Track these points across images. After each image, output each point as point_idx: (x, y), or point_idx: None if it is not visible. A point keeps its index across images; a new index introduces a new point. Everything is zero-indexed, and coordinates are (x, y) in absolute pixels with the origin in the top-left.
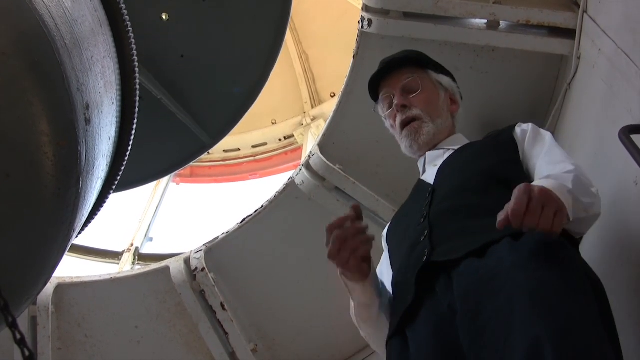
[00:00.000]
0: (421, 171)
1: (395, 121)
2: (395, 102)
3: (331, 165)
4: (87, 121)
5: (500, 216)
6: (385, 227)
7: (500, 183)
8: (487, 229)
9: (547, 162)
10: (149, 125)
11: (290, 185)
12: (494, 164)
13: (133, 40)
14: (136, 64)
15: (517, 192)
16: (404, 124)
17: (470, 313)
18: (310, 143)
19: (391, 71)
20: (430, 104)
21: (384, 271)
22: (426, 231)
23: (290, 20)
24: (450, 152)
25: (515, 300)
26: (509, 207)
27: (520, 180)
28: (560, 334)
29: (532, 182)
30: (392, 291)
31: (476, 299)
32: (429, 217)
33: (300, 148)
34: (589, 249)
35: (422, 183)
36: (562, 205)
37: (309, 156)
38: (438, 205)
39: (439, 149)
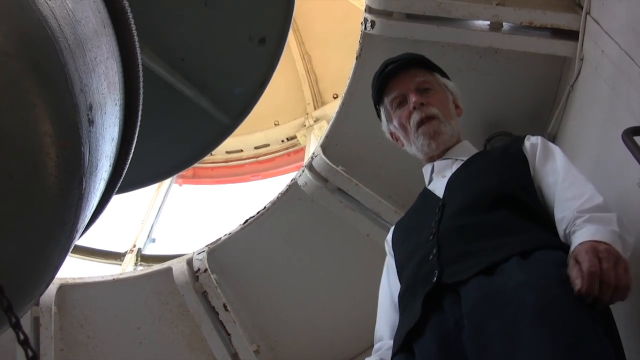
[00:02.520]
0: (427, 179)
1: (408, 120)
2: (412, 99)
3: (334, 166)
4: (91, 122)
5: (577, 281)
6: (387, 227)
7: (510, 201)
8: (495, 248)
9: (568, 186)
10: (160, 121)
11: (293, 186)
12: (503, 180)
13: (137, 42)
14: (140, 65)
15: (586, 255)
16: (421, 122)
17: (476, 328)
18: (312, 144)
19: (400, 71)
20: (444, 105)
21: (391, 278)
22: (435, 249)
23: (293, 21)
24: (459, 162)
25: (520, 317)
26: (583, 268)
27: (529, 197)
28: (568, 352)
29: (542, 199)
30: (399, 303)
31: (482, 314)
32: (437, 234)
33: (302, 149)
34: None
35: (430, 195)
36: (626, 261)
37: (312, 157)
38: (447, 223)
39: (447, 158)
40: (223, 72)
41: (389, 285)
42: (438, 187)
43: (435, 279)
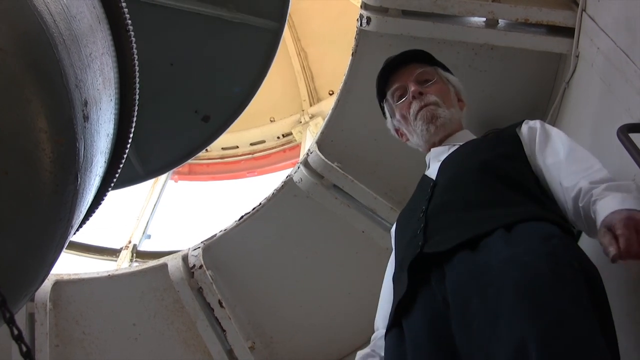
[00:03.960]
0: (427, 167)
1: (408, 110)
2: (411, 89)
3: (329, 163)
4: (86, 118)
5: (610, 248)
6: (382, 224)
7: (497, 177)
8: (479, 221)
9: (574, 160)
10: None
11: (289, 183)
12: (491, 157)
13: (133, 37)
14: (136, 60)
15: (620, 222)
16: (420, 109)
17: (460, 307)
18: (308, 141)
19: (401, 66)
20: (444, 94)
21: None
22: (422, 224)
23: (289, 18)
24: (455, 147)
25: (503, 296)
26: (619, 241)
27: (518, 173)
28: (547, 331)
29: (536, 177)
30: (393, 285)
31: (466, 293)
32: (426, 211)
33: (298, 146)
34: (588, 248)
35: (425, 178)
36: None
37: (307, 154)
38: (436, 199)
39: (445, 144)
40: (158, 129)
41: (391, 272)
42: (433, 171)
43: (418, 249)
